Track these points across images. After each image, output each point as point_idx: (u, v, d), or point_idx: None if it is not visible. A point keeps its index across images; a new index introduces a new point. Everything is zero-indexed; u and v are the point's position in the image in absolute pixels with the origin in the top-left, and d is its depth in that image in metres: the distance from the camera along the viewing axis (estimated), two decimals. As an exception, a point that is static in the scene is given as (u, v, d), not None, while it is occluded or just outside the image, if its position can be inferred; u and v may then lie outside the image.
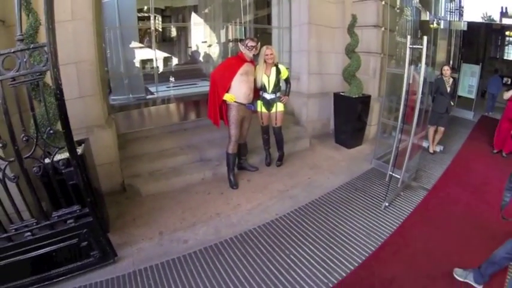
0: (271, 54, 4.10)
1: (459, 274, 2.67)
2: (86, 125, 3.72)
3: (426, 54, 3.44)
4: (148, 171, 4.34)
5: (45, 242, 2.48)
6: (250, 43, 3.95)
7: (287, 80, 4.39)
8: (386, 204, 3.74)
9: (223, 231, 3.32)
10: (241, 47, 4.01)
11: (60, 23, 3.28)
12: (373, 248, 3.04)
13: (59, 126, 2.41)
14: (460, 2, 10.63)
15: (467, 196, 4.09)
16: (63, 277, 2.61)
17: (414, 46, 3.50)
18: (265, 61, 4.15)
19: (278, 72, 4.21)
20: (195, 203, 3.83)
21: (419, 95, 3.57)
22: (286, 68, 4.44)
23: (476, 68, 9.48)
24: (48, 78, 2.25)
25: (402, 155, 3.95)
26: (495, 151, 5.69)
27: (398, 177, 3.99)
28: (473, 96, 9.32)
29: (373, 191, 4.16)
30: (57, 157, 2.46)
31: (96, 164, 3.53)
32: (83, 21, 3.61)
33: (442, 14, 9.01)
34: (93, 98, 3.82)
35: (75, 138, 3.02)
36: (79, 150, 2.83)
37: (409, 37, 3.49)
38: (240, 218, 3.54)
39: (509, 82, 12.71)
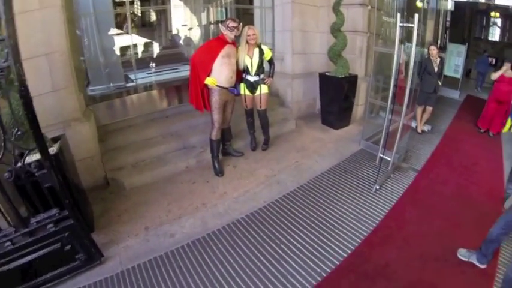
0: (253, 34, 3.88)
1: (463, 254, 2.69)
2: (62, 120, 3.51)
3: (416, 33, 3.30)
4: (131, 163, 4.16)
5: (27, 250, 2.33)
6: (232, 23, 3.71)
7: (271, 61, 4.21)
8: (377, 187, 3.68)
9: (210, 222, 3.19)
10: (222, 28, 3.77)
11: (28, 12, 3.13)
12: (365, 234, 2.98)
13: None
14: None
15: (457, 177, 4.10)
16: (51, 283, 2.48)
17: (405, 24, 3.32)
18: (247, 42, 3.93)
19: (261, 53, 4.02)
20: (181, 194, 3.68)
21: (410, 75, 3.46)
22: (270, 49, 4.24)
23: (463, 48, 9.55)
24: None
25: (392, 137, 3.87)
26: (482, 130, 5.80)
27: (389, 159, 3.91)
28: (459, 76, 9.44)
29: (363, 173, 4.08)
30: (31, 158, 2.29)
31: (76, 160, 3.37)
32: (52, 9, 3.33)
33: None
34: (67, 90, 3.58)
35: (52, 135, 2.90)
36: (54, 148, 2.67)
37: (399, 15, 3.31)
38: (227, 207, 3.41)
39: (493, 62, 13.07)
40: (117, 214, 3.36)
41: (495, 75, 5.54)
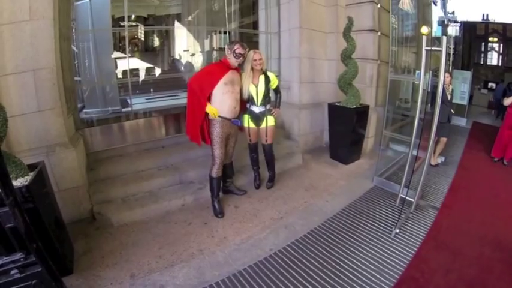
0: (260, 59, 3.54)
1: None
2: (45, 144, 3.24)
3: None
4: (121, 197, 3.78)
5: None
6: (239, 49, 3.35)
7: (277, 90, 3.89)
8: (397, 231, 3.27)
9: (208, 273, 2.74)
10: (227, 52, 3.40)
11: (16, 24, 2.95)
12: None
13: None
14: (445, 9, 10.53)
15: (479, 212, 3.79)
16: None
17: (433, 48, 3.01)
18: (252, 68, 3.60)
19: (267, 81, 3.68)
20: (174, 237, 3.25)
21: (438, 105, 3.17)
22: (276, 76, 3.92)
23: (468, 74, 9.49)
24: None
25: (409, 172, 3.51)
26: (496, 159, 5.65)
27: (411, 200, 3.52)
28: (465, 102, 9.40)
29: (379, 214, 3.67)
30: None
31: (59, 189, 3.16)
32: (43, 22, 3.11)
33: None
34: (54, 111, 3.30)
35: (32, 160, 2.61)
36: (27, 178, 2.31)
37: (425, 38, 3.01)
38: (227, 256, 2.97)
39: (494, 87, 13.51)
40: (101, 255, 2.95)
41: (508, 101, 5.42)
